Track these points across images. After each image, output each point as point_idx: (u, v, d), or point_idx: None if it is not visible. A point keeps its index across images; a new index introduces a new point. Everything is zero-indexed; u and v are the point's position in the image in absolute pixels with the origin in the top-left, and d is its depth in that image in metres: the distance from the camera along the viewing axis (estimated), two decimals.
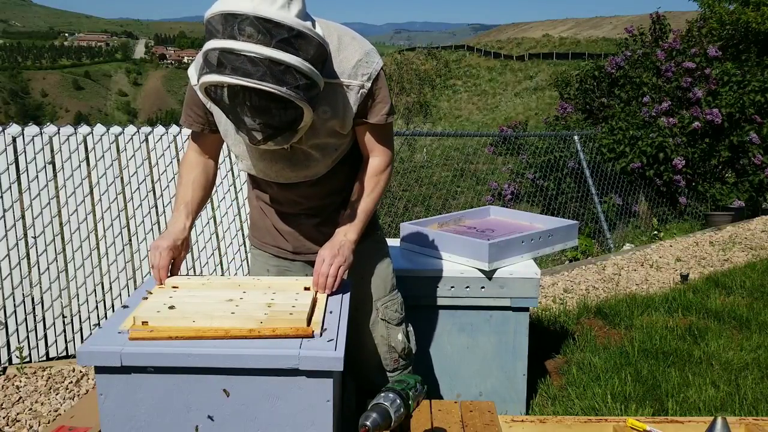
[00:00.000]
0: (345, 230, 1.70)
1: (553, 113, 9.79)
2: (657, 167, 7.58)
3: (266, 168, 1.73)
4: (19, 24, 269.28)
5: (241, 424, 1.35)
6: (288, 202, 1.83)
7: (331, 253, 1.63)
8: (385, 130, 1.75)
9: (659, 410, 2.64)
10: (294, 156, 1.68)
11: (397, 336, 1.94)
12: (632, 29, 9.28)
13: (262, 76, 1.30)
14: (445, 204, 7.05)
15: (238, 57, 1.31)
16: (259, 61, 1.30)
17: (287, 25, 1.33)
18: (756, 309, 3.88)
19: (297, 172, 1.72)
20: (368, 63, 1.63)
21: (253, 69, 1.30)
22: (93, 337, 1.38)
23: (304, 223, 1.85)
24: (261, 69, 1.30)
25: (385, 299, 1.93)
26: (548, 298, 4.31)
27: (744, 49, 9.22)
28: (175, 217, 1.73)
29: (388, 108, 1.70)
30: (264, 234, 1.92)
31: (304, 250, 1.87)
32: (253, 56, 1.30)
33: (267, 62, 1.30)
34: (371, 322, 1.91)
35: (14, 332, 3.18)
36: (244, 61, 1.30)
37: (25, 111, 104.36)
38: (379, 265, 1.94)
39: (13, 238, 3.16)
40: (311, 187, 1.77)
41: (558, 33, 71.42)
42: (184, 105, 1.74)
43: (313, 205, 1.82)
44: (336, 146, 1.71)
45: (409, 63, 25.23)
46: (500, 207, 3.24)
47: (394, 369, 1.96)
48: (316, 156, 1.69)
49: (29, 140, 3.23)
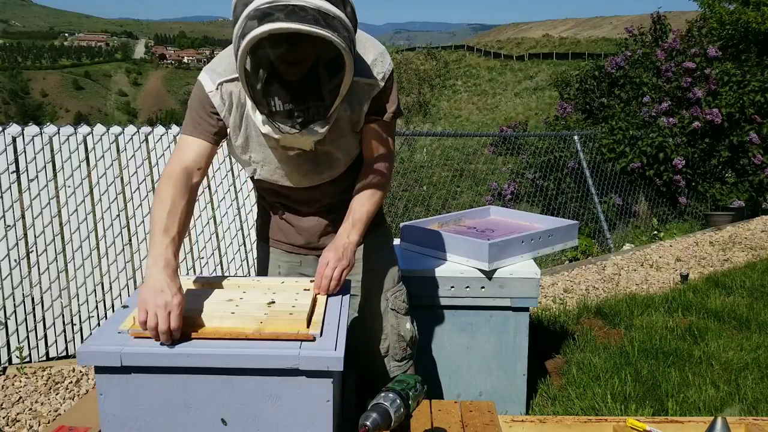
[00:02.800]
0: (348, 232, 1.71)
1: (553, 113, 9.79)
2: (657, 167, 7.58)
3: (290, 172, 1.73)
4: (19, 24, 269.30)
5: (241, 424, 1.35)
6: (305, 201, 1.84)
7: (335, 256, 1.64)
8: (390, 128, 1.79)
9: (659, 410, 2.64)
10: (317, 158, 1.71)
11: (406, 325, 1.99)
12: (632, 29, 9.28)
13: (315, 21, 1.34)
14: (445, 204, 7.05)
15: (287, 6, 1.33)
16: (309, 9, 1.34)
17: None
18: (756, 309, 3.88)
19: (320, 174, 1.75)
20: (382, 62, 1.68)
21: (305, 16, 1.33)
22: (93, 337, 1.38)
23: (320, 219, 1.87)
24: (313, 15, 1.34)
25: (394, 290, 1.97)
26: (548, 298, 4.31)
27: (744, 49, 9.22)
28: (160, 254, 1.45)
29: (395, 107, 1.75)
30: (275, 231, 1.93)
31: (317, 244, 1.89)
32: (304, 4, 1.34)
33: (316, 11, 1.35)
34: (382, 312, 1.95)
35: (14, 332, 3.18)
36: (294, 9, 1.33)
37: (25, 111, 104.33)
38: (387, 257, 1.99)
39: (13, 238, 3.16)
40: (330, 186, 1.80)
41: (558, 33, 71.41)
42: (192, 114, 1.67)
43: (330, 202, 1.84)
44: (356, 144, 1.75)
45: (408, 63, 25.22)
46: (500, 207, 3.24)
47: (402, 358, 2.00)
48: (337, 155, 1.73)
49: (29, 140, 3.23)
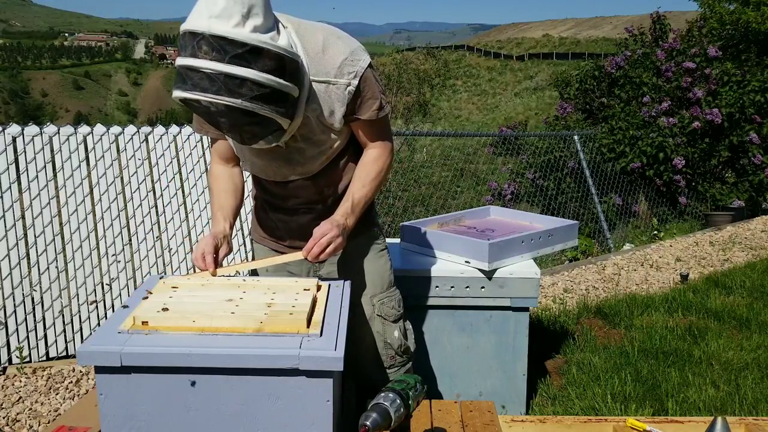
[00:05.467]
0: (346, 215, 1.73)
1: (553, 113, 9.79)
2: (657, 167, 7.58)
3: (264, 166, 1.79)
4: (19, 24, 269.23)
5: (241, 424, 1.35)
6: (286, 197, 1.87)
7: (330, 228, 1.67)
8: (379, 125, 1.79)
9: (659, 410, 2.64)
10: (290, 153, 1.73)
11: (393, 332, 1.95)
12: (632, 29, 9.28)
13: (218, 90, 1.40)
14: (445, 204, 7.05)
15: (198, 73, 1.40)
16: (215, 77, 1.39)
17: (240, 41, 1.40)
18: (756, 309, 3.88)
19: (293, 169, 1.77)
20: (353, 62, 1.68)
21: (210, 84, 1.40)
22: (93, 337, 1.38)
23: (301, 217, 1.88)
24: (217, 84, 1.40)
25: (381, 295, 1.95)
26: (548, 298, 4.31)
27: (744, 49, 9.21)
28: (212, 224, 1.81)
29: (378, 104, 1.74)
30: (264, 229, 1.98)
31: (301, 244, 1.89)
32: (210, 72, 1.39)
33: (222, 77, 1.39)
34: (368, 318, 1.93)
35: (14, 332, 3.18)
36: (203, 77, 1.40)
37: (25, 111, 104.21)
38: (376, 261, 1.96)
39: (13, 238, 3.16)
40: (308, 182, 1.81)
41: (558, 33, 71.38)
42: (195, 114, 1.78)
43: (310, 200, 1.86)
44: (330, 143, 1.76)
45: (408, 63, 25.22)
46: (500, 207, 3.24)
47: (390, 365, 1.98)
48: (311, 153, 1.75)
49: (29, 140, 3.23)
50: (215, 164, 1.88)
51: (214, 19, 1.39)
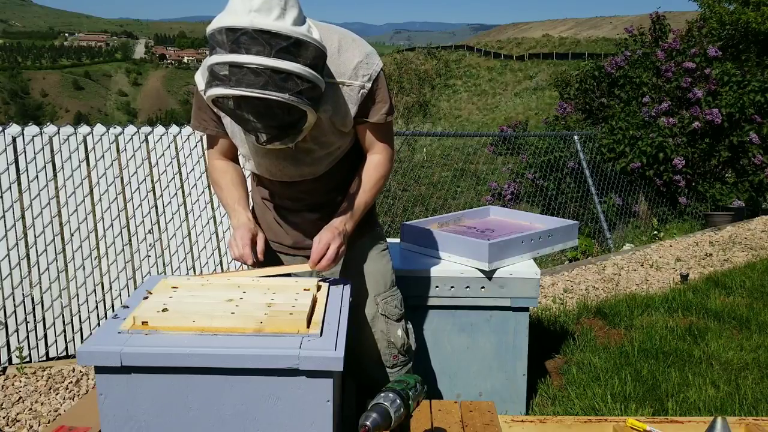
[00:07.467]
0: (345, 220, 1.74)
1: (553, 113, 9.79)
2: (657, 167, 7.58)
3: (270, 166, 1.79)
4: (19, 24, 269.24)
5: (241, 424, 1.35)
6: (291, 198, 1.87)
7: (331, 236, 1.68)
8: (385, 128, 1.81)
9: (659, 410, 2.64)
10: (297, 154, 1.73)
11: (397, 331, 1.96)
12: (632, 29, 9.28)
13: (264, 85, 1.37)
14: (445, 204, 7.05)
15: (241, 69, 1.38)
16: (261, 71, 1.37)
17: (284, 35, 1.39)
18: (756, 309, 3.88)
19: (300, 170, 1.78)
20: (368, 64, 1.69)
21: (256, 79, 1.38)
22: (93, 337, 1.38)
23: (305, 218, 1.89)
24: (263, 78, 1.38)
25: (385, 294, 1.95)
26: (548, 298, 4.31)
27: (744, 49, 9.22)
28: (234, 216, 1.76)
29: (387, 108, 1.76)
30: (265, 230, 1.95)
31: (304, 245, 1.90)
32: (255, 67, 1.37)
33: (269, 72, 1.37)
34: (371, 318, 1.93)
35: (14, 332, 3.18)
36: (246, 72, 1.37)
37: (25, 111, 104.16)
38: (378, 261, 1.97)
39: (13, 238, 3.16)
40: (314, 183, 1.82)
41: (558, 33, 71.42)
42: (194, 110, 1.79)
43: (316, 201, 1.86)
44: (338, 145, 1.77)
45: (408, 63, 25.23)
46: (500, 207, 3.24)
47: (393, 365, 1.98)
48: (318, 154, 1.75)
49: (29, 140, 3.23)
50: (216, 160, 1.86)
51: (254, 13, 1.37)
